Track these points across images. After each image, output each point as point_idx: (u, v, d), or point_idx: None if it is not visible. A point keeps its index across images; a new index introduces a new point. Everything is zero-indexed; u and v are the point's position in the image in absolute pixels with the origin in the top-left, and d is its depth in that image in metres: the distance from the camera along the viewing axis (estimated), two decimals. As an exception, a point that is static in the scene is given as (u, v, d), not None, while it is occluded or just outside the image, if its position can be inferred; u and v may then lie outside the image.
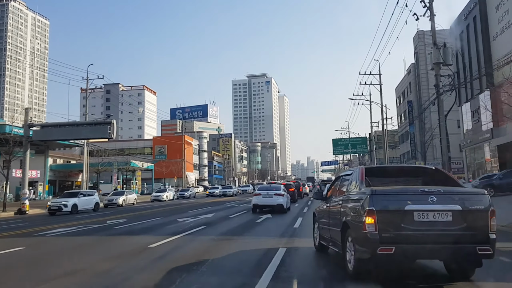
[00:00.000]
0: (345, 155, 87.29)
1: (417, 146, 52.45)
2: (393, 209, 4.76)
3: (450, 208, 4.74)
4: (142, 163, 59.50)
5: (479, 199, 4.89)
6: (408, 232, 4.67)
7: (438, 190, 4.88)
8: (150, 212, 19.65)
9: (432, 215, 4.72)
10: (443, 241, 4.72)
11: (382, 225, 4.70)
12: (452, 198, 4.85)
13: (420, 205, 4.73)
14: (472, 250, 4.71)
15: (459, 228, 4.72)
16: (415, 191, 4.99)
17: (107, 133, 27.54)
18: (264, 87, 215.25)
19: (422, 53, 51.41)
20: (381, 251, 4.63)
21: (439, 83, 19.16)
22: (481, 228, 4.77)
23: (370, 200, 4.79)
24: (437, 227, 4.72)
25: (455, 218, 4.73)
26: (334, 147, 44.43)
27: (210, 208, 21.63)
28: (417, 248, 4.73)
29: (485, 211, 4.80)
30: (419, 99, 52.07)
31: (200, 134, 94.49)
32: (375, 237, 4.67)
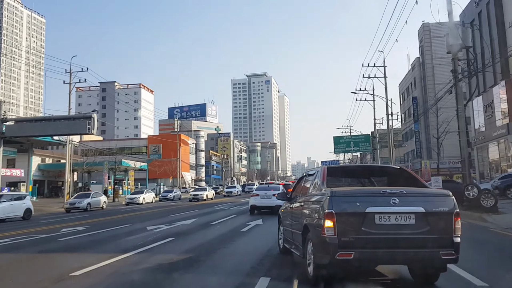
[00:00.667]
0: (346, 155, 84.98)
1: (422, 144, 49.96)
2: (353, 212, 4.53)
3: (413, 210, 4.53)
4: (134, 163, 57.04)
5: (444, 201, 4.67)
6: (368, 236, 4.46)
7: (401, 191, 4.65)
8: (120, 218, 17.01)
9: (394, 217, 4.51)
10: (405, 245, 4.53)
11: (341, 228, 4.47)
12: (415, 200, 4.63)
13: (382, 207, 4.51)
14: (435, 255, 4.54)
15: (422, 232, 4.52)
16: (376, 192, 4.79)
17: (86, 128, 25.13)
18: (264, 87, 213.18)
19: (428, 46, 48.92)
20: (340, 256, 4.42)
21: (457, 68, 16.60)
22: (445, 232, 4.58)
23: (330, 202, 4.54)
24: (399, 231, 4.51)
25: (418, 221, 4.53)
26: (335, 145, 41.90)
27: (196, 212, 19.15)
28: (378, 253, 4.53)
29: (450, 214, 4.60)
30: (424, 95, 49.54)
31: (197, 133, 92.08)
32: (334, 242, 4.43)
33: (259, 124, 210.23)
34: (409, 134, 57.42)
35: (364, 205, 4.51)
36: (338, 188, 4.95)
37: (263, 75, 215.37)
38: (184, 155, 74.20)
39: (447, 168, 46.68)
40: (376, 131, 42.16)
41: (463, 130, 16.24)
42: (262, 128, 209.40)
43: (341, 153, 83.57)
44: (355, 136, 42.36)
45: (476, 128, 34.04)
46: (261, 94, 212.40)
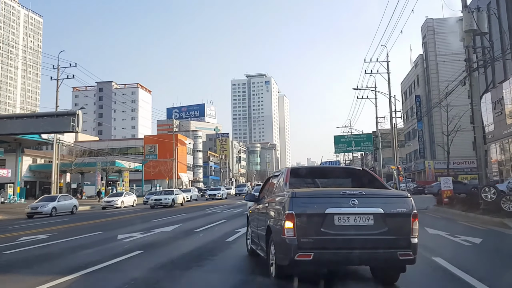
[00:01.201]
0: (347, 155, 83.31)
1: (426, 144, 48.35)
2: (313, 213, 4.53)
3: (371, 211, 4.53)
4: (129, 163, 55.40)
5: (402, 202, 4.71)
6: (328, 237, 4.47)
7: (360, 192, 4.68)
8: (91, 225, 15.07)
9: (353, 218, 4.52)
10: (364, 246, 4.53)
11: (301, 229, 4.46)
12: (374, 201, 4.65)
13: (341, 209, 4.52)
14: (393, 255, 4.56)
15: (381, 232, 4.52)
16: (336, 193, 4.74)
17: (70, 125, 23.50)
18: (264, 87, 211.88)
19: (431, 42, 47.37)
20: (299, 257, 4.41)
21: (471, 57, 14.97)
22: (403, 232, 4.59)
23: (290, 203, 4.53)
24: (358, 231, 4.52)
25: (376, 222, 4.53)
26: (335, 145, 40.24)
27: (184, 216, 17.49)
28: (337, 254, 4.53)
29: (408, 215, 4.63)
30: (428, 93, 47.98)
31: (194, 133, 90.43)
32: (294, 243, 4.43)
33: (259, 124, 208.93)
34: (411, 134, 55.83)
35: (324, 206, 4.51)
36: (299, 189, 4.92)
37: (263, 76, 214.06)
38: (181, 156, 72.56)
39: (452, 169, 44.97)
40: (378, 131, 40.57)
41: (478, 125, 14.66)
42: (261, 128, 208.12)
43: (342, 153, 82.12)
44: (356, 135, 40.69)
45: (484, 126, 32.43)
46: (261, 94, 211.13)
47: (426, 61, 48.21)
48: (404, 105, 58.33)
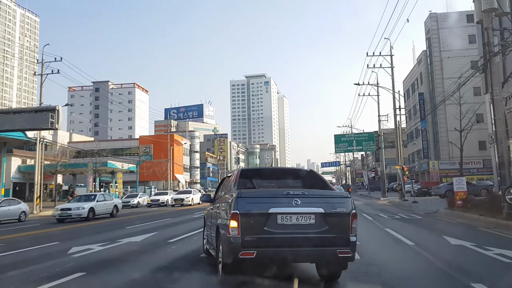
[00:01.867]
0: (347, 156, 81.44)
1: (430, 144, 46.49)
2: (257, 212, 4.68)
3: (313, 211, 4.71)
4: (122, 164, 53.52)
5: (342, 202, 4.87)
6: (270, 235, 4.61)
7: (303, 192, 4.85)
8: (48, 233, 13.06)
9: (296, 218, 4.69)
10: (305, 244, 4.69)
11: (245, 228, 4.59)
12: (316, 201, 4.82)
13: (284, 208, 4.67)
14: (332, 253, 4.73)
15: (321, 231, 4.70)
16: (280, 194, 4.93)
17: (49, 122, 21.64)
18: (263, 88, 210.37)
19: (436, 38, 45.56)
20: (243, 255, 4.55)
21: (491, 40, 13.14)
22: (343, 231, 4.76)
23: (235, 203, 4.67)
24: (300, 230, 4.69)
25: (317, 221, 4.72)
26: (336, 144, 38.39)
27: (166, 221, 15.65)
28: (279, 252, 4.68)
29: (347, 214, 4.79)
30: (432, 91, 46.15)
31: (192, 133, 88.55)
32: (237, 241, 4.56)
33: (258, 125, 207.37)
34: (414, 133, 53.99)
35: (267, 206, 4.65)
36: (245, 190, 5.16)
37: (262, 76, 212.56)
38: (178, 156, 70.76)
39: (457, 169, 43.06)
40: (381, 130, 38.71)
41: (500, 117, 12.85)
42: (261, 129, 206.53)
43: (342, 153, 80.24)
44: (358, 134, 38.82)
45: (494, 124, 30.61)
46: (260, 95, 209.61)
47: (430, 57, 46.38)
48: (406, 103, 56.48)
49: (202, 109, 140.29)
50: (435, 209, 18.99)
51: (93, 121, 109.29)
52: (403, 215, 16.75)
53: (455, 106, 41.77)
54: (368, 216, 16.58)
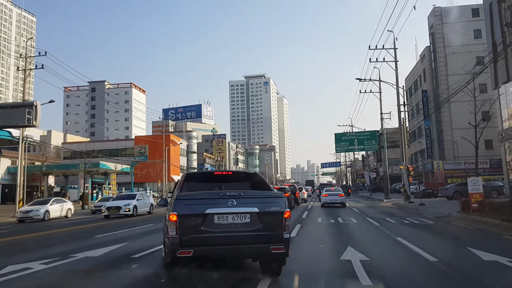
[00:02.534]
0: (347, 157, 79.73)
1: (434, 143, 44.79)
2: (194, 213, 4.91)
3: (248, 210, 4.98)
4: (115, 165, 51.79)
5: (276, 202, 5.16)
6: (207, 234, 4.87)
7: (239, 193, 5.14)
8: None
9: (231, 217, 4.95)
10: (241, 242, 4.97)
11: (183, 229, 4.83)
12: (251, 201, 5.08)
13: (220, 209, 4.92)
14: (266, 249, 5.02)
15: (256, 229, 4.99)
16: (217, 195, 5.23)
17: (25, 118, 19.95)
18: (263, 88, 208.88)
19: (440, 33, 43.89)
20: (181, 254, 4.81)
21: None
22: (276, 229, 5.06)
23: (173, 205, 4.93)
24: (236, 229, 4.96)
25: (252, 219, 4.99)
26: (336, 144, 36.67)
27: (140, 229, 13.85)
28: (216, 250, 4.95)
29: (281, 213, 5.09)
30: (436, 88, 44.49)
31: (189, 134, 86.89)
32: (176, 241, 4.80)
33: (258, 126, 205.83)
34: (417, 133, 52.31)
35: (204, 207, 4.93)
36: (184, 193, 5.48)
37: (262, 77, 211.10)
38: (174, 157, 69.09)
39: (463, 169, 41.54)
40: (384, 129, 37.02)
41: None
42: (260, 130, 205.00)
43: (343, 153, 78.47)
44: (359, 132, 37.10)
45: (504, 120, 28.84)
46: (259, 95, 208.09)
47: (434, 53, 44.70)
48: (408, 102, 54.81)
49: (201, 110, 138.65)
50: (446, 212, 17.30)
51: (89, 122, 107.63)
52: (412, 220, 15.04)
53: (461, 104, 40.14)
54: (373, 221, 14.87)
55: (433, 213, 18.19)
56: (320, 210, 22.60)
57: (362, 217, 17.06)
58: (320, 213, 19.60)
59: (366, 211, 20.74)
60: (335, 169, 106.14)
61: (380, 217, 16.82)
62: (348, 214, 19.01)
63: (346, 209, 22.76)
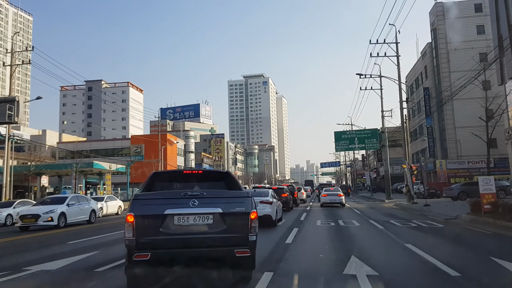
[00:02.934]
0: (349, 156, 78.55)
1: (436, 142, 43.63)
2: (152, 214, 4.63)
3: (211, 211, 4.70)
4: (110, 165, 50.60)
5: (241, 202, 4.89)
6: (166, 236, 4.60)
7: (202, 193, 4.85)
8: None
9: (193, 218, 4.67)
10: (203, 245, 4.69)
11: (140, 230, 4.56)
12: (215, 201, 4.80)
13: (180, 209, 4.65)
14: (230, 253, 4.73)
15: (219, 231, 4.70)
16: (177, 195, 4.93)
17: (6, 115, 18.82)
18: (261, 88, 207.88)
19: (442, 29, 42.75)
20: (137, 257, 4.52)
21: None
22: (241, 231, 4.78)
23: (131, 205, 4.68)
24: (197, 231, 4.69)
25: (215, 221, 4.71)
26: (336, 142, 35.54)
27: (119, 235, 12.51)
28: (175, 253, 4.67)
29: (246, 213, 4.82)
30: (437, 85, 43.34)
31: (186, 133, 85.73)
32: (132, 243, 4.54)
33: (257, 126, 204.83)
34: (418, 131, 51.15)
35: (163, 208, 4.62)
36: (144, 192, 5.23)
37: (261, 76, 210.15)
38: (171, 157, 67.97)
39: (467, 169, 40.40)
40: (385, 127, 35.89)
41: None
42: (259, 130, 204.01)
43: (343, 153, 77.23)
44: (360, 130, 35.95)
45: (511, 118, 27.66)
46: (258, 95, 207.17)
47: (436, 49, 43.54)
48: (410, 99, 53.72)
49: (199, 109, 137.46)
50: (454, 214, 16.14)
51: (86, 121, 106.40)
52: (419, 223, 13.85)
53: (463, 101, 39.04)
54: (377, 223, 13.69)
55: (440, 214, 17.03)
56: (320, 211, 21.45)
57: (364, 219, 15.90)
58: (319, 215, 18.44)
59: (368, 213, 19.58)
60: (335, 169, 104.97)
61: (384, 219, 15.65)
62: (349, 216, 17.86)
63: (347, 211, 21.63)
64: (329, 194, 25.99)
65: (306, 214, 18.77)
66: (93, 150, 66.44)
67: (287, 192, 22.82)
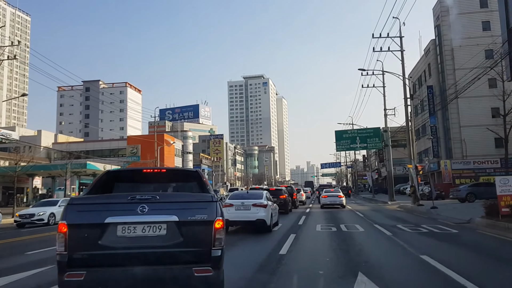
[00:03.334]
0: (349, 157, 77.16)
1: (440, 141, 42.26)
2: (89, 223, 3.75)
3: (164, 219, 3.82)
4: (104, 166, 49.31)
5: (203, 207, 3.95)
6: (108, 251, 3.71)
7: (154, 197, 3.92)
8: None
9: (141, 228, 3.79)
10: (153, 261, 3.74)
11: (74, 243, 3.69)
12: (170, 207, 3.89)
13: (125, 217, 3.77)
14: (187, 272, 3.75)
15: (174, 244, 3.79)
16: (122, 199, 3.94)
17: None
18: (261, 89, 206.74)
19: (446, 25, 41.40)
20: (69, 277, 3.64)
21: None
22: (202, 244, 3.86)
23: (64, 212, 3.82)
24: (146, 244, 3.77)
25: (170, 231, 3.82)
26: (337, 142, 34.19)
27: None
28: (117, 272, 3.68)
29: (209, 222, 3.88)
30: (442, 83, 41.98)
31: (184, 133, 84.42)
32: (63, 259, 3.68)
33: (257, 127, 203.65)
34: (421, 131, 49.77)
35: (104, 215, 3.76)
36: (82, 196, 4.45)
37: (261, 77, 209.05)
38: (169, 158, 66.64)
39: (472, 169, 38.99)
40: (387, 127, 34.53)
41: None
42: (259, 131, 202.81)
43: (344, 153, 75.84)
44: (361, 129, 34.58)
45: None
46: (258, 96, 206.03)
47: (440, 46, 42.18)
48: (416, 96, 52.36)
49: (198, 110, 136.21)
50: (465, 217, 14.78)
51: (83, 122, 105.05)
52: (430, 227, 12.48)
53: (468, 100, 37.68)
54: (383, 229, 12.32)
55: (450, 218, 15.67)
56: (320, 214, 20.11)
57: (368, 223, 14.54)
58: (319, 219, 17.08)
59: (372, 216, 18.21)
60: (335, 170, 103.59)
61: (390, 223, 14.29)
62: (352, 219, 16.50)
63: (349, 213, 20.28)
64: (329, 196, 25.97)
65: (305, 218, 17.44)
66: (90, 151, 65.30)
67: (286, 193, 21.61)
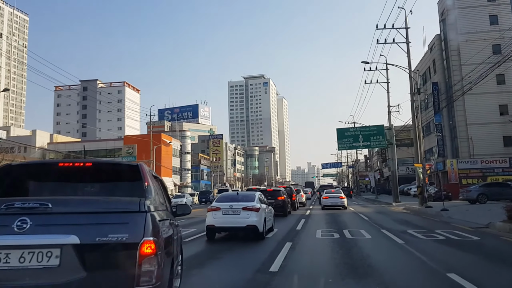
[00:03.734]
0: (351, 157, 75.58)
1: (446, 140, 40.65)
2: None
3: (56, 241, 2.41)
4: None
5: (122, 222, 2.48)
6: None
7: (44, 205, 2.50)
8: None
9: (18, 256, 2.40)
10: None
11: None
12: (67, 221, 2.47)
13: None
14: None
15: (73, 283, 2.38)
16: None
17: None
18: (262, 89, 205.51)
19: (452, 19, 39.77)
20: None
21: None
22: (120, 281, 2.43)
23: None
24: (26, 282, 2.38)
25: (66, 261, 2.40)
26: (339, 140, 32.65)
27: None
28: None
29: (131, 246, 2.43)
30: (448, 79, 40.38)
31: (182, 133, 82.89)
32: None
33: (257, 127, 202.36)
34: (425, 129, 48.14)
35: None
36: None
37: (261, 77, 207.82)
38: (166, 158, 65.12)
39: (480, 169, 37.35)
40: (392, 125, 32.98)
41: None
42: (260, 132, 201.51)
43: (345, 153, 74.24)
44: (364, 127, 33.03)
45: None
46: (259, 96, 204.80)
47: (445, 41, 40.60)
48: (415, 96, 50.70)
49: (197, 110, 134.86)
50: (482, 221, 13.21)
51: (81, 122, 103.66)
52: (446, 234, 10.89)
53: (475, 96, 36.10)
54: (393, 235, 10.74)
55: (464, 221, 14.10)
56: (320, 217, 18.56)
57: (375, 228, 12.98)
58: (320, 223, 15.52)
59: (378, 219, 16.65)
60: (336, 170, 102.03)
61: (400, 228, 12.72)
62: (356, 223, 14.94)
63: (352, 216, 18.73)
64: (331, 197, 25.30)
65: (304, 221, 15.88)
66: (86, 151, 63.71)
67: (284, 195, 20.05)
